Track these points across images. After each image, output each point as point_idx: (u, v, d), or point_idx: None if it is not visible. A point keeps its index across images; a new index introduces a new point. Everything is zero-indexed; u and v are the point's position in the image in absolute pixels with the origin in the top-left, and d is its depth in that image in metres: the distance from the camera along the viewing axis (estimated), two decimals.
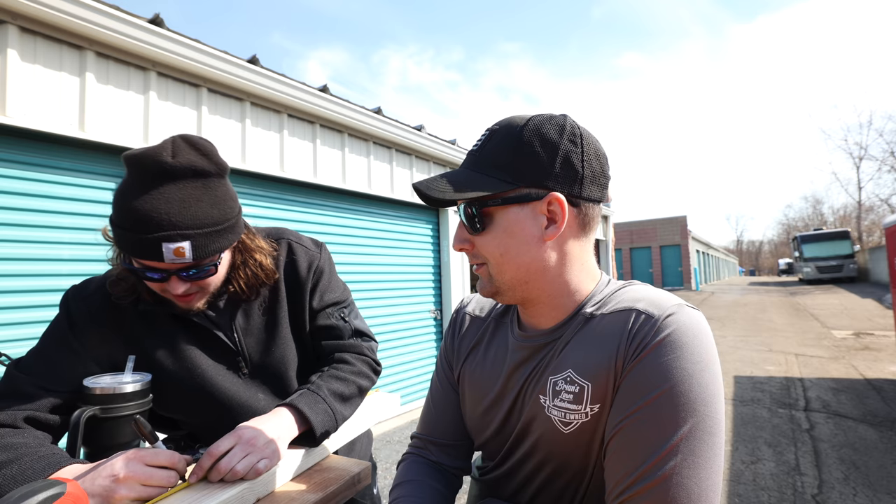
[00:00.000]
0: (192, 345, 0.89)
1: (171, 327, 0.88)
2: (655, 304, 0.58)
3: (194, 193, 0.76)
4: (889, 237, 5.31)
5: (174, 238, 0.73)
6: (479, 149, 0.64)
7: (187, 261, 0.75)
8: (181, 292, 0.80)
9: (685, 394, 0.51)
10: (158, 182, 0.74)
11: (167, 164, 0.74)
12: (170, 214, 0.73)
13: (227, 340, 0.90)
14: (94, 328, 0.85)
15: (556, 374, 0.62)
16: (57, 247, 2.36)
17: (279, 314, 0.96)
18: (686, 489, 0.48)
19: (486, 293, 0.67)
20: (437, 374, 0.84)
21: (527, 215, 0.61)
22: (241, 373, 0.93)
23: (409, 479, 0.73)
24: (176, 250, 0.73)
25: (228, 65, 2.93)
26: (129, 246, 0.75)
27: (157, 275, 0.78)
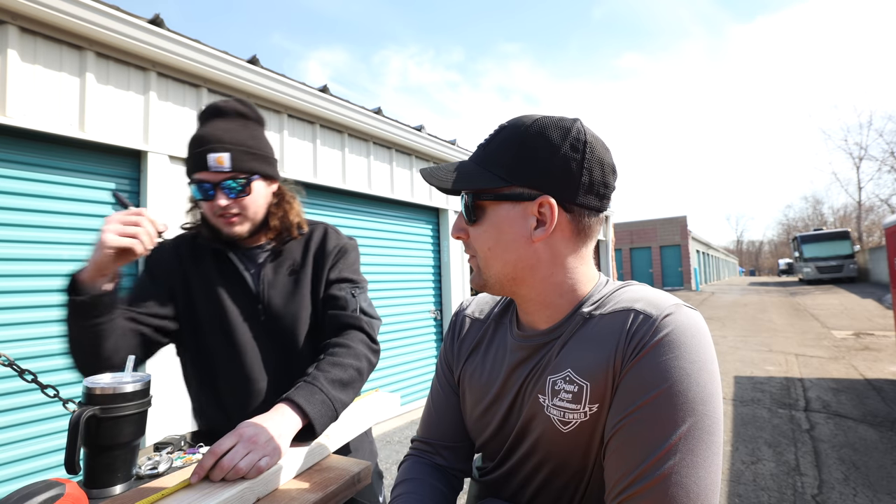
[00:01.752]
0: (223, 285, 1.06)
1: (212, 268, 1.07)
2: (653, 304, 0.58)
3: (235, 126, 1.03)
4: (889, 237, 5.31)
5: (216, 149, 0.97)
6: (486, 144, 0.66)
7: (226, 169, 0.97)
8: (224, 205, 0.98)
9: (683, 393, 0.51)
10: (212, 118, 1.03)
11: (219, 105, 1.05)
12: (215, 135, 0.99)
13: (252, 285, 1.06)
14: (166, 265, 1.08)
15: (555, 374, 0.62)
16: (57, 247, 2.36)
17: (302, 279, 1.09)
18: (685, 488, 0.48)
19: (475, 284, 0.71)
20: (437, 377, 0.84)
21: (518, 214, 0.62)
22: (258, 318, 1.05)
23: (411, 478, 0.73)
24: (218, 159, 0.97)
25: (228, 65, 2.93)
26: (190, 162, 1.00)
27: (208, 187, 0.99)
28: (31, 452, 2.23)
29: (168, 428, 2.56)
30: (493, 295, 0.78)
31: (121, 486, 0.77)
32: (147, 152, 2.61)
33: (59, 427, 2.30)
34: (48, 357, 2.29)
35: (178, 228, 1.14)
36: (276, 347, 1.05)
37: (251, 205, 1.03)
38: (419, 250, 4.85)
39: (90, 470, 0.76)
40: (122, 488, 0.77)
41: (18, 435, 2.19)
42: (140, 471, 0.83)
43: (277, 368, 1.04)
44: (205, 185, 0.98)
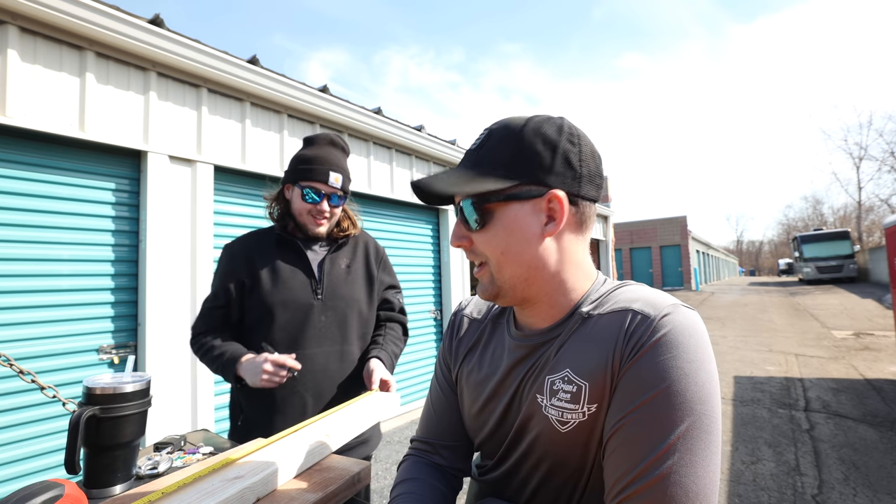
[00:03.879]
0: (289, 268, 1.32)
1: (279, 255, 1.33)
2: (651, 304, 0.58)
3: (343, 157, 1.40)
4: (889, 237, 5.30)
5: (336, 170, 1.33)
6: (477, 148, 0.65)
7: (337, 188, 1.33)
8: (326, 209, 1.33)
9: (682, 393, 0.51)
10: (328, 145, 1.38)
11: (332, 138, 1.40)
12: (335, 161, 1.35)
13: (315, 270, 1.34)
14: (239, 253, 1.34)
15: (554, 374, 0.62)
16: (57, 247, 2.36)
17: (354, 271, 1.41)
18: (684, 487, 0.49)
19: (487, 296, 0.67)
20: (435, 376, 0.84)
21: (527, 212, 0.62)
22: (316, 297, 1.31)
23: (411, 478, 0.73)
24: (335, 178, 1.33)
25: (228, 65, 2.93)
26: (311, 173, 1.31)
27: (318, 195, 1.31)
28: (31, 452, 2.23)
29: (168, 428, 2.56)
30: (505, 305, 0.73)
31: (121, 486, 0.77)
32: (147, 152, 2.61)
33: (59, 427, 2.30)
34: (48, 357, 2.29)
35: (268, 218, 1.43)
36: (328, 317, 1.31)
37: (336, 214, 1.38)
38: (419, 250, 4.85)
39: (90, 470, 0.76)
40: (122, 488, 0.77)
41: (18, 435, 2.19)
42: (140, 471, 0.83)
43: (333, 339, 1.32)
44: (316, 191, 1.31)
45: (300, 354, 1.24)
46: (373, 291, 1.43)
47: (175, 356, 2.64)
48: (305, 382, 1.25)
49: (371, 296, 1.42)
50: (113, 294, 2.53)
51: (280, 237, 1.34)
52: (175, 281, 2.69)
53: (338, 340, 1.31)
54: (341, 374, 1.30)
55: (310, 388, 1.26)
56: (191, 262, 2.77)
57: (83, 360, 2.40)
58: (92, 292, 2.46)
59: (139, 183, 2.64)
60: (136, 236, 2.62)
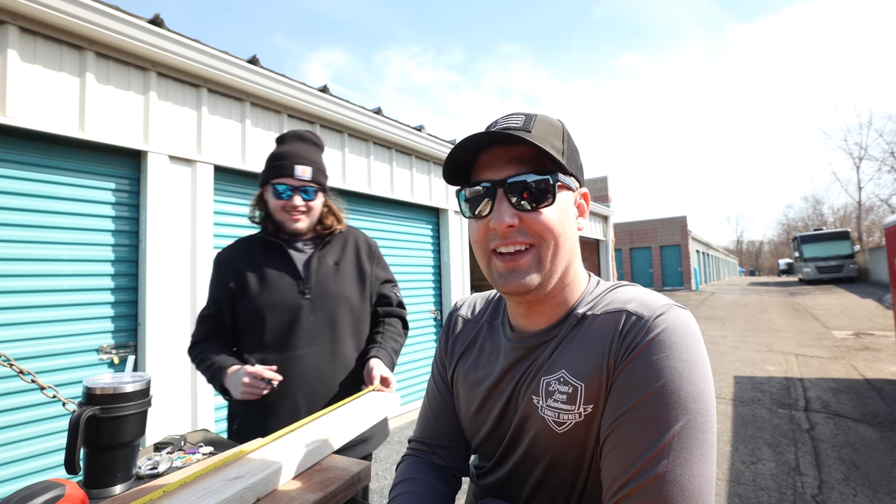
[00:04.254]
0: (275, 271, 1.31)
1: (265, 259, 1.32)
2: (645, 304, 0.59)
3: (312, 149, 1.38)
4: (889, 237, 5.30)
5: (302, 163, 1.31)
6: (526, 126, 0.61)
7: (307, 179, 1.30)
8: (298, 204, 1.30)
9: (676, 392, 0.52)
10: (296, 140, 1.37)
11: (301, 132, 1.40)
12: (301, 153, 1.33)
13: (301, 270, 1.33)
14: (227, 262, 1.35)
15: (549, 375, 0.62)
16: (57, 247, 2.36)
17: (344, 268, 1.39)
18: (680, 486, 0.49)
19: (525, 284, 0.60)
20: (432, 376, 0.84)
21: (570, 201, 0.65)
22: (304, 297, 1.30)
23: (410, 477, 0.73)
24: (303, 170, 1.30)
25: (228, 65, 2.93)
26: (277, 170, 1.30)
27: (289, 189, 1.29)
28: (31, 452, 2.23)
29: (168, 428, 2.56)
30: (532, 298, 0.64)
31: (121, 486, 0.77)
32: (147, 152, 2.61)
33: (59, 427, 2.30)
34: (48, 357, 2.29)
35: (248, 220, 1.44)
36: (317, 316, 1.30)
37: (314, 208, 1.35)
38: (419, 250, 4.85)
39: (90, 470, 0.76)
40: (122, 488, 0.77)
41: (18, 435, 2.19)
42: (140, 471, 0.83)
43: (323, 338, 1.30)
44: (286, 187, 1.29)
45: (290, 356, 1.25)
46: (365, 287, 1.42)
47: (175, 356, 2.64)
48: (297, 384, 1.24)
49: (363, 292, 1.41)
50: (113, 294, 2.52)
51: (265, 240, 1.34)
52: (175, 281, 2.69)
53: (328, 339, 1.30)
54: (334, 374, 1.30)
55: (302, 390, 1.25)
56: (191, 263, 2.77)
57: (83, 360, 2.40)
58: (92, 292, 2.46)
59: (139, 183, 2.64)
60: (136, 236, 2.62)
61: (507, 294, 0.64)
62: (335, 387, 1.29)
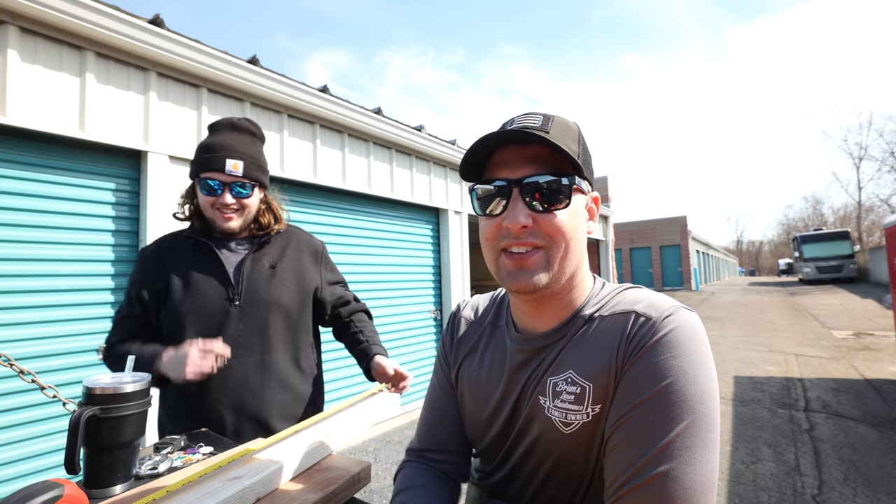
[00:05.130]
0: (202, 274, 1.19)
1: (192, 260, 1.20)
2: (653, 306, 0.60)
3: (247, 141, 1.23)
4: (889, 237, 5.30)
5: (233, 156, 1.17)
6: (544, 126, 0.61)
7: (238, 174, 1.17)
8: (229, 202, 1.17)
9: (681, 391, 0.52)
10: (228, 131, 1.22)
11: (234, 122, 1.24)
12: (233, 146, 1.19)
13: (231, 274, 1.21)
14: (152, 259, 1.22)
15: (556, 376, 0.62)
16: (57, 247, 2.36)
17: (283, 271, 1.27)
18: (683, 484, 0.49)
19: (532, 283, 0.60)
20: (435, 376, 0.83)
21: (583, 204, 0.65)
22: (232, 303, 1.19)
23: (413, 485, 0.71)
24: (234, 165, 1.16)
25: (228, 65, 2.93)
26: (205, 163, 1.16)
27: (218, 186, 1.17)
28: (31, 452, 2.23)
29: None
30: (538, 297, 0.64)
31: (121, 486, 0.77)
32: (147, 152, 2.61)
33: (59, 427, 2.29)
34: (48, 357, 2.29)
35: (171, 216, 1.32)
36: (245, 325, 1.19)
37: (249, 205, 1.22)
38: (419, 250, 4.85)
39: (90, 470, 0.76)
40: (122, 488, 0.77)
41: (18, 435, 2.19)
42: (140, 471, 0.82)
43: (251, 349, 1.19)
44: (214, 182, 1.16)
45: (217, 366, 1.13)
46: (306, 293, 1.30)
47: None
48: (222, 397, 1.15)
49: (303, 298, 1.29)
50: (113, 294, 2.52)
51: (194, 240, 1.22)
52: None
53: (257, 350, 1.19)
54: (262, 386, 1.19)
55: (227, 403, 1.15)
56: None
57: (83, 360, 2.40)
58: (92, 292, 2.46)
59: (139, 183, 2.64)
60: (136, 236, 2.62)
61: (515, 292, 0.64)
62: (265, 401, 1.18)
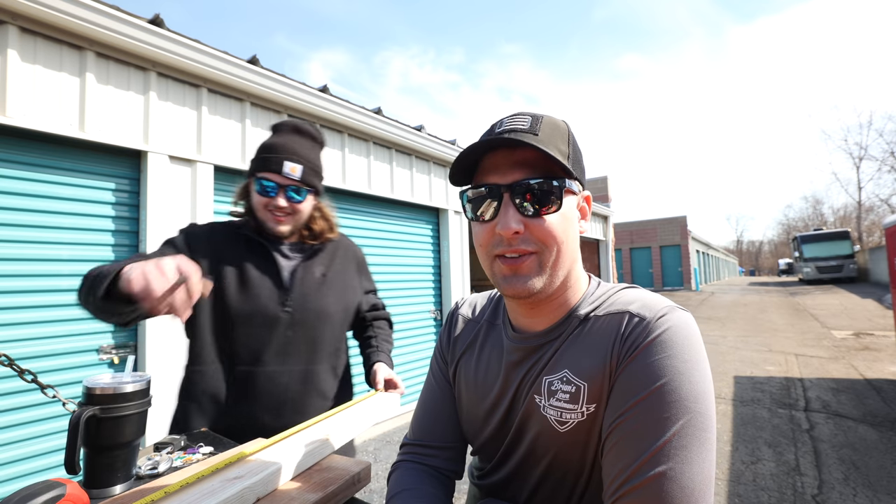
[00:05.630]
0: (257, 274, 1.16)
1: (247, 256, 1.17)
2: (647, 306, 0.60)
3: (307, 145, 1.22)
4: (889, 237, 5.31)
5: (292, 160, 1.16)
6: (533, 128, 0.61)
7: (295, 178, 1.15)
8: (282, 205, 1.15)
9: (676, 391, 0.52)
10: (290, 133, 1.22)
11: (298, 125, 1.24)
12: (294, 148, 1.18)
13: (285, 278, 1.19)
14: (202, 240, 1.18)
15: (552, 375, 0.62)
16: (57, 247, 2.36)
17: (331, 281, 1.26)
18: (680, 485, 0.49)
19: (526, 289, 0.61)
20: (431, 374, 0.83)
21: (574, 205, 0.65)
22: (284, 309, 1.16)
23: (407, 489, 0.70)
24: (292, 168, 1.15)
25: (228, 65, 2.93)
26: (263, 163, 1.15)
27: (273, 186, 1.15)
28: (31, 452, 2.23)
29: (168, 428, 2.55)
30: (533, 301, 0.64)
31: (121, 486, 0.77)
32: (147, 152, 2.61)
33: (59, 427, 2.29)
34: (48, 357, 2.29)
35: (228, 215, 1.28)
36: (295, 333, 1.17)
37: (301, 211, 1.20)
38: (419, 250, 4.85)
39: (90, 470, 0.76)
40: (122, 488, 0.77)
41: (18, 435, 2.19)
42: (140, 471, 0.83)
43: (298, 357, 1.17)
44: (270, 183, 1.15)
45: (260, 371, 1.12)
46: (350, 303, 1.30)
47: (175, 356, 2.64)
48: (263, 402, 1.12)
49: (347, 307, 1.29)
50: None
51: (247, 237, 1.19)
52: None
53: (303, 359, 1.17)
54: (304, 395, 1.17)
55: (268, 409, 1.13)
56: None
57: (83, 360, 2.40)
58: None
59: (139, 183, 2.64)
60: (136, 236, 2.62)
61: (510, 297, 0.64)
62: (305, 410, 1.16)
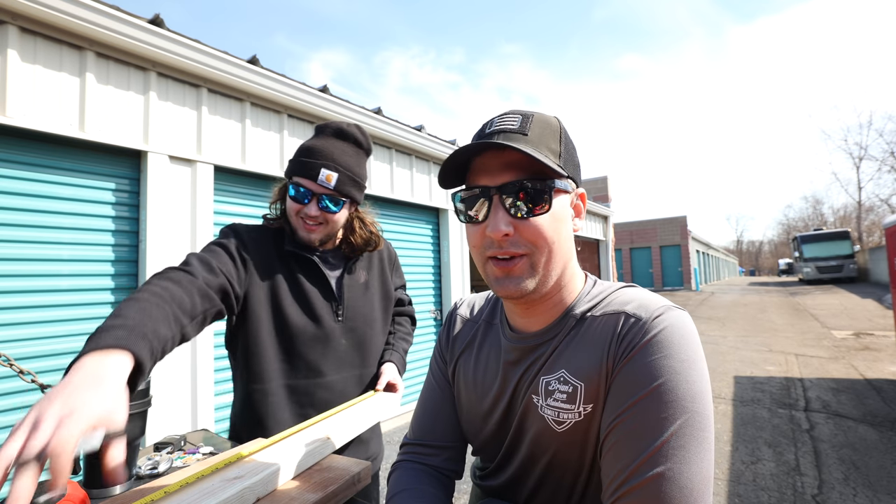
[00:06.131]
0: (309, 285, 1.14)
1: (297, 266, 1.14)
2: (643, 306, 0.60)
3: (349, 151, 1.14)
4: (889, 237, 5.31)
5: (329, 167, 1.08)
6: (522, 128, 0.61)
7: (330, 188, 1.08)
8: (314, 214, 1.09)
9: (674, 391, 0.52)
10: (332, 136, 1.14)
11: (343, 128, 1.14)
12: (333, 154, 1.10)
13: (335, 289, 1.17)
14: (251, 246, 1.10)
15: (549, 375, 0.63)
16: (57, 247, 2.36)
17: (371, 286, 1.27)
18: (679, 484, 0.49)
19: (519, 290, 0.61)
20: (431, 373, 0.84)
21: (567, 204, 0.64)
22: (337, 319, 1.16)
23: (407, 488, 0.70)
24: (328, 176, 1.07)
25: (228, 65, 2.93)
26: (298, 167, 1.09)
27: (306, 193, 1.08)
28: None
29: (168, 428, 2.56)
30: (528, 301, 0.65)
31: (121, 486, 0.77)
32: (147, 152, 2.61)
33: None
34: (48, 357, 2.29)
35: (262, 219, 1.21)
36: (348, 339, 1.19)
37: (334, 221, 1.14)
38: (419, 250, 4.85)
39: (90, 470, 0.76)
40: (122, 488, 0.77)
41: None
42: (140, 471, 0.83)
43: (353, 363, 1.19)
44: (304, 190, 1.08)
45: (320, 382, 1.13)
46: (389, 306, 1.33)
47: (175, 356, 2.64)
48: (322, 409, 1.12)
49: (387, 307, 1.32)
50: (113, 294, 2.52)
51: (292, 251, 1.14)
52: None
53: (357, 364, 1.20)
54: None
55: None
56: None
57: None
58: (92, 292, 2.46)
59: (139, 183, 2.64)
60: (136, 236, 2.62)
61: (503, 297, 0.64)
62: None
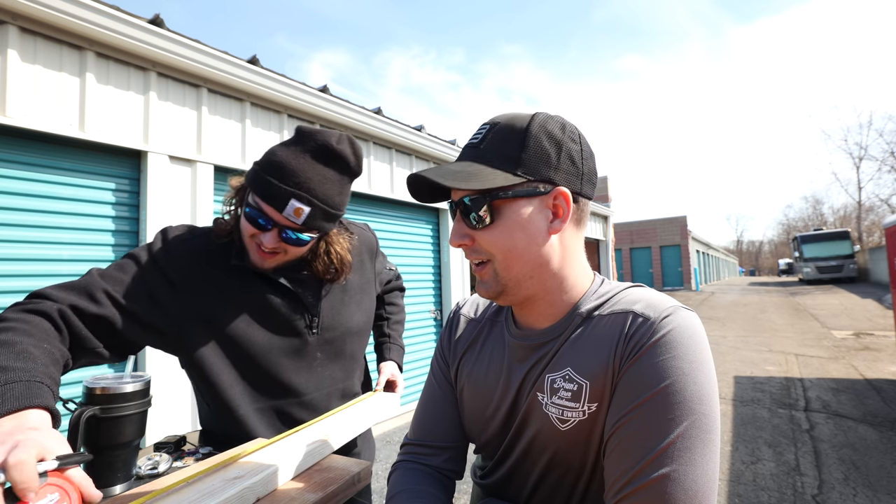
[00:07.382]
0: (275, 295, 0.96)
1: (259, 285, 0.95)
2: (652, 306, 0.59)
3: (334, 178, 0.91)
4: (889, 237, 5.31)
5: (302, 199, 0.85)
6: (480, 142, 0.64)
7: (297, 223, 0.87)
8: (270, 247, 0.88)
9: (681, 392, 0.52)
10: (316, 154, 0.88)
11: (331, 145, 0.89)
12: (310, 182, 0.86)
13: (303, 300, 0.99)
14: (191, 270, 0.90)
15: (554, 373, 0.62)
16: (57, 247, 2.36)
17: (351, 287, 1.10)
18: (683, 486, 0.49)
19: (489, 294, 0.65)
20: (432, 374, 0.83)
21: (534, 209, 0.62)
22: (312, 332, 1.01)
23: (407, 489, 0.70)
24: (297, 209, 0.85)
25: (228, 65, 2.93)
26: (263, 187, 0.86)
27: (266, 222, 0.87)
28: None
29: (168, 428, 2.56)
30: (507, 304, 0.70)
31: (121, 486, 0.77)
32: (147, 152, 2.61)
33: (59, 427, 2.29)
34: None
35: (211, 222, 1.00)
36: (328, 359, 1.06)
37: (295, 253, 0.95)
38: (419, 250, 4.85)
39: (90, 470, 0.76)
40: (122, 488, 0.77)
41: None
42: (140, 471, 0.83)
43: (333, 378, 1.07)
44: (266, 217, 0.87)
45: (298, 402, 1.00)
46: (373, 302, 1.19)
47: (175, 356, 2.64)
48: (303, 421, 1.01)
49: (370, 309, 1.17)
50: None
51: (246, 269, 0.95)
52: None
53: (339, 378, 1.08)
54: None
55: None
56: None
57: None
58: None
59: (139, 183, 2.64)
60: (136, 236, 2.62)
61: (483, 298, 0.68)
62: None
